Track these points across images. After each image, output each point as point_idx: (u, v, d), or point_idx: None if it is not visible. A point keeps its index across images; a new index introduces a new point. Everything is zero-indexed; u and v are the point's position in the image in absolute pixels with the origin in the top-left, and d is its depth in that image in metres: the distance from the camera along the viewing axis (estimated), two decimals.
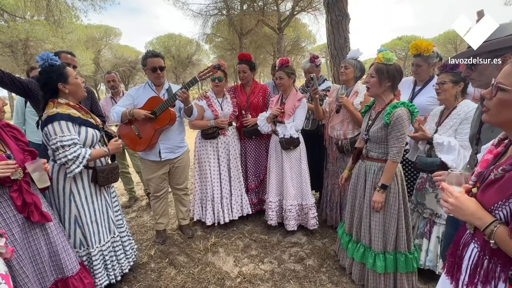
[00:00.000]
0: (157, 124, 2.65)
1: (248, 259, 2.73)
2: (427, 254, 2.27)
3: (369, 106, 2.26)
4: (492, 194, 0.90)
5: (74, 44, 19.12)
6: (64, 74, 1.98)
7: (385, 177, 2.01)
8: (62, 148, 1.90)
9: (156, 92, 2.77)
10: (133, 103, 2.75)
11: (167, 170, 2.91)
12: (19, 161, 1.68)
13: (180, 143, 2.90)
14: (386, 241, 2.11)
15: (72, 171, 1.93)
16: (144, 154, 2.85)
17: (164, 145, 2.79)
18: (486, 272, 0.94)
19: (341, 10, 4.71)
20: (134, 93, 2.79)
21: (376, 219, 2.11)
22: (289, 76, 2.91)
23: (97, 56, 28.89)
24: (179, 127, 2.88)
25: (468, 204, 0.94)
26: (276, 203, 3.07)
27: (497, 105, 0.93)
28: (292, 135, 2.83)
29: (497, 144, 1.05)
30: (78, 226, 2.10)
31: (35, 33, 15.06)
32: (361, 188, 2.21)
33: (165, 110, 2.61)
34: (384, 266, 2.10)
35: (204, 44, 25.47)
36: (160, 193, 2.95)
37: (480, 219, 0.91)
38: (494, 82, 0.93)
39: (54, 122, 1.89)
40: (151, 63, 2.67)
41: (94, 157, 2.05)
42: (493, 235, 0.87)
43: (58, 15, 13.56)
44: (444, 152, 2.01)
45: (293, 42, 24.88)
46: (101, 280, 2.17)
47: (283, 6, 18.02)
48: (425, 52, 2.50)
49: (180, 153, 2.91)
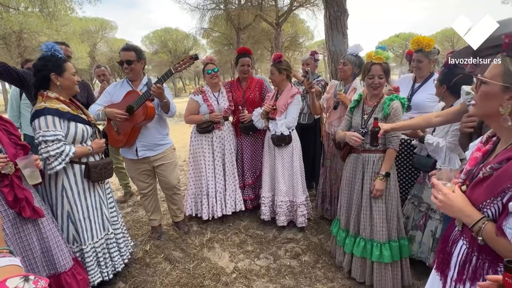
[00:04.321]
0: (134, 120, 2.53)
1: (243, 254, 2.72)
2: (420, 246, 2.31)
3: (357, 101, 2.28)
4: (481, 192, 0.91)
5: (69, 36, 18.80)
6: (61, 66, 1.95)
7: (387, 165, 2.08)
8: (45, 143, 1.87)
9: (133, 87, 2.65)
10: (111, 99, 2.64)
11: (149, 167, 2.80)
12: (10, 156, 1.64)
13: (160, 140, 2.76)
14: (390, 230, 2.14)
15: (54, 167, 1.89)
16: (123, 152, 2.79)
17: (141, 142, 2.67)
18: (474, 268, 0.95)
19: (340, 6, 4.68)
20: (111, 89, 2.69)
21: (378, 209, 2.12)
22: (280, 72, 2.87)
23: (93, 49, 28.56)
24: (158, 123, 2.73)
25: (457, 201, 0.95)
26: (269, 199, 3.07)
27: (480, 97, 0.98)
28: (283, 132, 2.81)
29: (486, 142, 1.07)
30: (71, 221, 2.07)
31: (29, 25, 14.77)
32: (358, 181, 2.22)
33: (141, 105, 2.48)
34: (390, 255, 2.11)
35: (201, 38, 25.32)
36: (146, 190, 2.89)
37: (468, 216, 0.93)
38: (478, 77, 0.97)
39: (40, 117, 1.86)
40: (122, 56, 2.57)
41: (78, 155, 2.01)
42: (481, 232, 0.89)
43: (53, 7, 13.36)
44: (434, 152, 2.07)
45: (290, 38, 24.78)
46: (94, 277, 2.14)
47: (281, 1, 17.90)
48: (427, 47, 2.49)
49: (160, 150, 2.77)
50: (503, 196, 0.85)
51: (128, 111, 2.50)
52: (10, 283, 0.54)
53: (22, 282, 0.55)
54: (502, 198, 0.85)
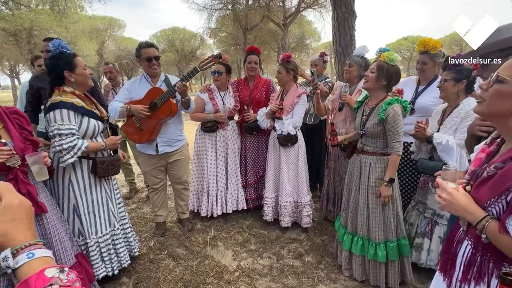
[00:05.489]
0: (158, 116, 2.61)
1: (247, 253, 2.73)
2: (429, 254, 2.27)
3: (361, 102, 2.29)
4: (486, 191, 0.92)
5: (78, 34, 19.04)
6: (71, 62, 1.98)
7: (391, 171, 2.06)
8: (59, 137, 1.89)
9: (152, 84, 2.71)
10: (130, 96, 2.69)
11: (164, 163, 2.88)
12: (18, 150, 1.65)
13: (177, 136, 2.85)
14: (387, 231, 2.14)
15: (65, 160, 1.92)
16: (141, 147, 2.83)
17: (161, 138, 2.74)
18: (479, 268, 0.96)
19: (348, 7, 4.67)
20: (130, 86, 2.73)
21: (375, 211, 2.13)
22: (288, 71, 2.89)
23: (101, 47, 28.83)
24: (177, 119, 2.82)
25: (461, 199, 0.96)
26: (273, 199, 3.07)
27: (492, 96, 0.95)
28: (289, 131, 2.81)
29: (490, 143, 1.06)
30: (77, 215, 2.10)
31: (40, 22, 14.96)
32: (356, 181, 2.24)
33: (166, 102, 2.55)
34: (385, 255, 2.13)
35: (208, 38, 25.39)
36: (158, 185, 2.94)
37: (472, 214, 0.93)
38: (493, 75, 0.95)
39: (56, 110, 1.89)
40: (145, 53, 2.61)
41: (91, 149, 2.04)
42: (485, 230, 0.89)
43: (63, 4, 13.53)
44: (444, 152, 2.03)
45: (297, 39, 24.78)
46: (98, 271, 2.16)
47: (288, 2, 17.92)
48: (433, 50, 2.47)
49: (177, 146, 2.86)
50: (507, 195, 0.85)
51: (151, 107, 2.57)
52: (48, 273, 0.57)
53: (58, 272, 0.58)
54: (506, 197, 0.86)
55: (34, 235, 0.64)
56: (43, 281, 0.55)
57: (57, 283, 0.57)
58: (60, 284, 0.57)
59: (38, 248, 0.62)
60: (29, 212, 0.65)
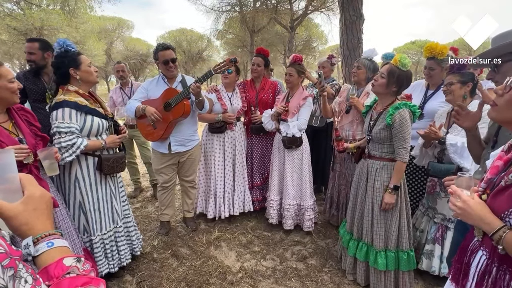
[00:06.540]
0: (171, 116, 2.66)
1: (250, 255, 2.72)
2: (442, 261, 2.21)
3: (370, 106, 2.26)
4: (503, 201, 0.88)
5: (87, 34, 19.27)
6: (76, 60, 2.01)
7: (396, 178, 2.01)
8: (59, 134, 1.92)
9: (168, 84, 2.77)
10: (147, 95, 2.77)
11: (176, 162, 2.92)
12: (31, 146, 1.69)
13: (191, 136, 2.89)
14: (387, 239, 2.11)
15: (64, 158, 1.93)
16: (155, 145, 2.88)
17: (175, 137, 2.79)
18: (494, 280, 0.92)
19: (356, 10, 4.65)
20: (147, 85, 2.81)
21: (378, 218, 2.10)
22: (299, 74, 2.89)
23: (109, 47, 29.13)
24: (191, 120, 2.86)
25: (477, 208, 0.92)
26: (277, 202, 3.05)
27: (507, 102, 0.93)
28: (294, 134, 2.80)
29: (507, 150, 1.03)
30: (82, 212, 2.11)
31: (50, 22, 15.20)
32: (362, 186, 2.21)
33: (179, 102, 2.61)
34: (385, 263, 2.10)
35: (215, 40, 25.52)
36: (168, 184, 2.97)
37: (488, 224, 0.89)
38: (509, 79, 0.92)
39: (58, 109, 1.93)
40: (162, 56, 2.67)
41: (90, 148, 2.06)
42: (502, 241, 0.85)
43: (73, 5, 13.72)
44: (457, 154, 1.98)
45: (304, 42, 24.74)
46: (101, 268, 2.19)
47: (296, 4, 17.93)
48: (439, 55, 2.43)
49: (190, 146, 2.90)
50: None
51: (165, 107, 2.64)
52: (67, 261, 0.61)
53: (76, 261, 0.62)
54: None
55: (53, 225, 0.68)
56: (61, 269, 0.59)
57: (75, 272, 0.60)
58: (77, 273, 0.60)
59: (57, 238, 0.65)
60: (49, 203, 0.69)
